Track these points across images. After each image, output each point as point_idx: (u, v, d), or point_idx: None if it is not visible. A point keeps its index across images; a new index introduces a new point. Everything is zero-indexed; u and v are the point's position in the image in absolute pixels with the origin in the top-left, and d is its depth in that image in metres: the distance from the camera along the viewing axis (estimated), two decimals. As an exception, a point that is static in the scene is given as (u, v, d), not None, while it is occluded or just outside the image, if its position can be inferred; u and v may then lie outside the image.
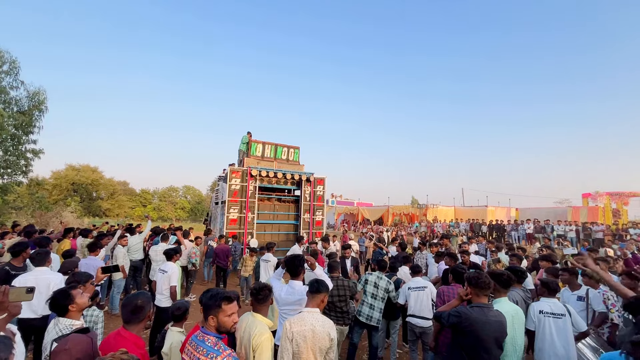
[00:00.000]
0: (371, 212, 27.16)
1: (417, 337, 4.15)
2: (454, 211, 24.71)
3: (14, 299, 1.82)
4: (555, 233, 15.84)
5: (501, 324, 2.53)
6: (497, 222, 18.31)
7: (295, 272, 3.18)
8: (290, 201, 11.49)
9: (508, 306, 2.82)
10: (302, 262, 3.24)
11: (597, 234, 14.70)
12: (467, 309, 2.55)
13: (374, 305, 4.17)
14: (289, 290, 3.12)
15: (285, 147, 11.67)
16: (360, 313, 4.21)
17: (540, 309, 3.05)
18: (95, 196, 44.05)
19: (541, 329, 3.00)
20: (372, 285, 4.24)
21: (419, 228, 20.73)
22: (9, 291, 1.79)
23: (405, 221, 25.41)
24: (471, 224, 18.99)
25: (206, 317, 1.92)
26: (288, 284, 3.20)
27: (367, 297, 4.22)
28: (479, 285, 2.61)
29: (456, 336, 2.60)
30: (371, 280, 4.28)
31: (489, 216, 21.35)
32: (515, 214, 23.17)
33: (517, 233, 17.23)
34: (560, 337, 2.91)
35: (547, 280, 3.21)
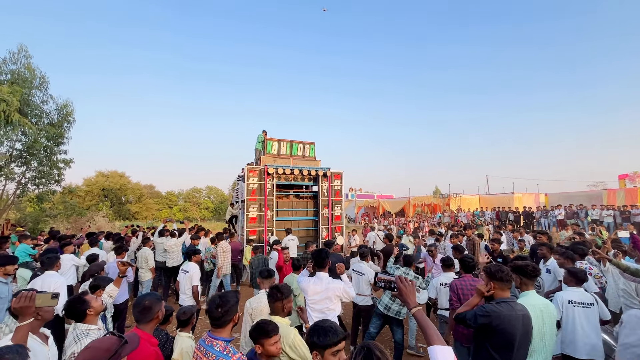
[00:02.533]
0: (392, 204, 26.82)
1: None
2: (478, 200, 23.91)
3: (40, 304, 1.90)
4: (590, 218, 14.97)
5: (528, 317, 2.40)
6: (525, 209, 17.54)
7: (321, 264, 3.42)
8: (309, 197, 11.51)
9: (537, 299, 2.67)
10: (327, 254, 3.49)
11: (637, 217, 13.76)
12: (496, 307, 2.38)
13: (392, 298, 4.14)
14: (316, 280, 3.37)
15: (300, 143, 11.66)
16: (380, 301, 4.24)
17: (570, 299, 2.88)
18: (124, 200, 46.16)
19: (570, 319, 2.84)
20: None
21: (442, 218, 20.25)
22: (35, 296, 1.87)
23: (427, 212, 24.90)
24: (497, 212, 18.29)
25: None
26: (315, 276, 3.45)
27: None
28: (502, 279, 2.47)
29: (484, 336, 2.43)
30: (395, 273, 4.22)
31: (515, 203, 20.49)
32: (544, 199, 22.10)
33: (547, 220, 16.45)
34: (592, 327, 2.75)
35: (574, 269, 3.02)
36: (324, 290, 3.28)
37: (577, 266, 3.65)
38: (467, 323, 2.50)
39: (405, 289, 1.71)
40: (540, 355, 2.57)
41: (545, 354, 2.59)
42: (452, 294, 3.44)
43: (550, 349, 2.62)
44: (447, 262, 4.26)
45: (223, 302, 2.00)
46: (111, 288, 3.15)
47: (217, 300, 2.01)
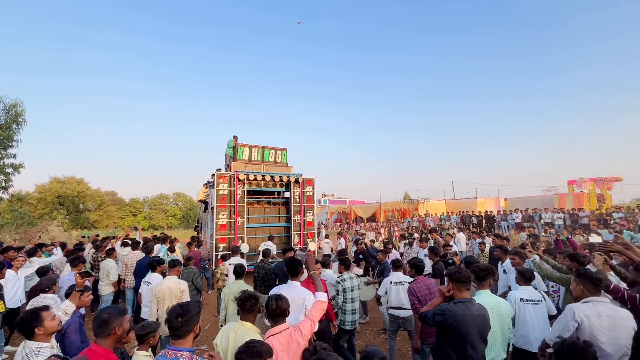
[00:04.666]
0: (364, 209, 27.30)
1: (398, 327, 4.29)
2: (444, 204, 24.99)
3: None
4: (543, 221, 16.15)
5: (484, 317, 2.55)
6: (487, 213, 18.58)
7: (294, 272, 3.31)
8: (280, 203, 11.45)
9: (489, 298, 2.86)
10: (300, 262, 3.39)
11: (583, 219, 15.04)
12: (451, 306, 2.53)
13: (355, 309, 4.22)
14: (288, 289, 3.19)
15: (272, 149, 11.61)
16: (345, 323, 4.15)
17: (521, 297, 3.11)
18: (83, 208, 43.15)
19: (522, 316, 3.06)
20: (349, 290, 4.21)
21: (411, 223, 20.91)
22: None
23: (397, 217, 25.60)
24: (462, 216, 19.23)
25: None
26: (287, 284, 3.30)
27: (347, 304, 4.16)
28: (460, 280, 2.62)
29: (442, 334, 2.58)
30: (348, 286, 4.21)
31: (478, 207, 21.65)
32: (504, 204, 23.55)
33: (506, 223, 17.54)
34: (541, 322, 2.99)
35: (523, 269, 3.28)
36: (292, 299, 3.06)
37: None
38: (427, 321, 2.64)
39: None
40: (493, 351, 2.74)
41: (497, 349, 2.76)
42: (413, 298, 3.59)
43: (501, 344, 2.80)
44: (396, 263, 4.61)
45: (184, 312, 1.93)
46: (67, 305, 2.94)
47: (178, 310, 1.95)
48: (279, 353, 2.22)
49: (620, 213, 15.06)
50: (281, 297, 2.39)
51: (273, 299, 2.35)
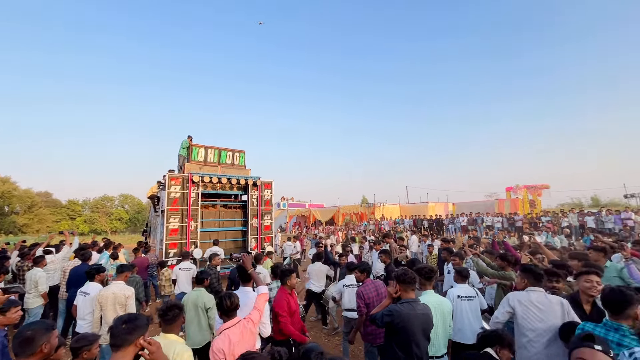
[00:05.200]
0: (322, 213, 27.59)
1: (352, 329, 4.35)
2: (399, 208, 26.20)
3: None
4: (485, 224, 17.64)
5: (428, 316, 2.73)
6: (437, 217, 19.82)
7: (247, 277, 3.35)
8: (237, 207, 11.17)
9: (432, 297, 3.07)
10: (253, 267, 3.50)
11: (518, 223, 16.70)
12: (398, 307, 2.66)
13: None
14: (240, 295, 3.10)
15: (230, 151, 11.30)
16: None
17: (458, 294, 3.39)
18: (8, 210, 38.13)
19: (459, 311, 3.33)
20: None
21: (368, 226, 21.58)
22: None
23: (355, 220, 26.26)
24: (414, 220, 20.28)
25: None
26: (239, 290, 3.28)
27: None
28: (406, 281, 2.77)
29: (390, 335, 2.70)
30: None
31: (430, 211, 23.01)
32: (452, 208, 25.31)
33: (453, 226, 18.86)
34: (475, 316, 3.28)
35: (460, 268, 3.58)
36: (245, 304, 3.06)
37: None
38: (377, 323, 2.75)
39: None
40: (434, 346, 2.95)
41: (438, 344, 2.97)
42: (359, 301, 3.69)
43: (442, 339, 3.02)
44: (350, 266, 4.77)
45: (130, 319, 1.88)
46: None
47: (125, 317, 1.90)
48: (235, 345, 2.38)
49: (547, 217, 16.98)
50: (232, 294, 2.67)
51: (226, 298, 2.61)
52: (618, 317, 2.13)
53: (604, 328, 2.16)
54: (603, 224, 14.25)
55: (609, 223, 14.12)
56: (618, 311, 2.12)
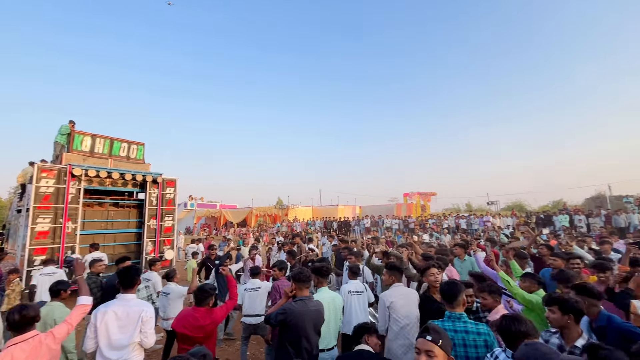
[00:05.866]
0: (234, 214, 26.58)
1: (250, 334, 4.35)
2: (312, 211, 27.13)
3: None
4: (385, 226, 19.67)
5: (319, 312, 2.89)
6: (345, 219, 21.21)
7: (130, 283, 2.92)
8: (132, 206, 9.88)
9: (326, 294, 3.28)
10: (138, 272, 3.05)
11: (411, 224, 19.13)
12: (291, 304, 2.77)
13: None
14: (119, 304, 2.80)
15: (125, 142, 9.92)
16: None
17: (349, 289, 3.71)
18: None
19: (349, 305, 3.64)
20: None
21: (280, 228, 21.70)
22: None
23: (268, 222, 26.10)
24: (325, 222, 21.28)
25: None
26: (118, 298, 2.85)
27: None
28: (301, 280, 2.90)
29: (282, 332, 2.77)
30: None
31: (339, 214, 24.49)
32: (359, 211, 27.46)
33: (359, 227, 20.46)
34: (361, 309, 3.63)
35: (352, 265, 3.94)
36: (127, 314, 2.74)
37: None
38: (271, 322, 2.80)
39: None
40: (326, 340, 3.14)
41: (329, 338, 3.18)
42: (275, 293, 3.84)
43: (333, 333, 3.25)
44: (254, 270, 4.68)
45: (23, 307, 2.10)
46: None
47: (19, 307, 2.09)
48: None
49: (433, 219, 19.92)
50: (26, 307, 2.36)
51: (16, 311, 2.30)
52: (453, 307, 2.39)
53: (449, 320, 2.36)
54: (471, 225, 17.46)
55: (475, 224, 17.39)
56: (451, 300, 2.39)
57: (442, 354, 1.69)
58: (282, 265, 4.53)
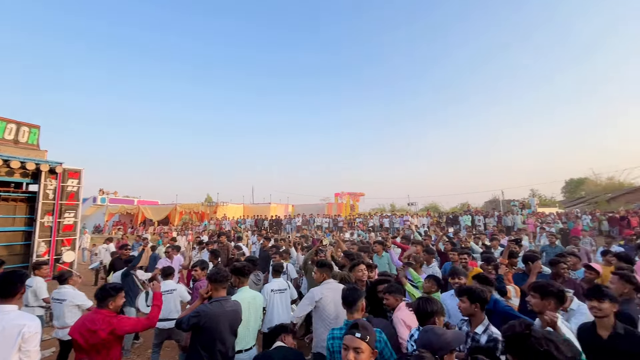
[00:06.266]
0: (155, 210, 24.24)
1: (164, 339, 4.09)
2: (243, 208, 26.32)
3: None
4: (316, 224, 20.15)
5: (236, 312, 2.81)
6: (276, 217, 21.10)
7: (10, 291, 2.42)
8: (20, 200, 8.26)
9: (247, 293, 3.21)
10: (21, 278, 2.54)
11: (340, 223, 19.96)
12: (206, 306, 2.64)
13: None
14: None
15: (12, 122, 8.25)
16: None
17: (272, 288, 3.71)
18: None
19: (271, 304, 3.65)
20: None
21: (208, 226, 20.56)
22: None
23: (195, 220, 24.48)
24: (256, 220, 20.85)
25: None
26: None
27: None
28: (217, 280, 2.79)
29: (195, 336, 2.62)
30: None
31: (271, 212, 24.26)
32: (291, 209, 27.61)
33: (290, 225, 20.56)
34: (284, 307, 3.66)
35: (275, 264, 3.97)
36: (2, 329, 2.28)
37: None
38: (183, 327, 2.62)
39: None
40: (244, 340, 3.08)
41: (248, 338, 3.13)
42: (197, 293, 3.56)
43: (252, 332, 3.20)
44: (165, 271, 4.41)
45: None
46: None
47: None
48: None
49: (360, 218, 21.11)
50: None
51: None
52: (352, 313, 2.43)
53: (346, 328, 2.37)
54: (393, 224, 18.99)
55: (397, 223, 18.96)
56: (350, 306, 2.44)
57: (368, 350, 1.76)
58: (204, 265, 4.31)
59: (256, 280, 4.20)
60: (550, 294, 2.27)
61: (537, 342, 1.41)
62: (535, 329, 1.54)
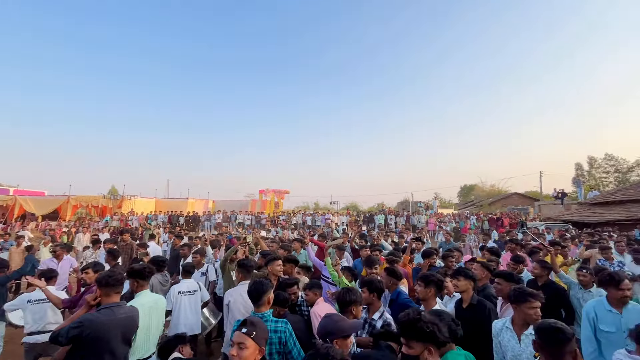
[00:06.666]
0: (39, 203, 20.15)
1: (38, 356, 3.42)
2: (155, 203, 23.83)
3: None
4: (237, 221, 19.47)
5: (131, 319, 2.51)
6: (194, 214, 19.71)
7: None
8: None
9: (147, 298, 2.91)
10: None
11: (263, 220, 19.68)
12: (92, 315, 2.31)
13: None
14: None
15: None
16: None
17: (179, 290, 3.44)
18: None
19: (178, 307, 3.38)
20: None
21: (110, 222, 18.04)
22: None
23: (94, 215, 21.21)
24: (170, 216, 19.12)
25: None
26: None
27: None
28: (107, 284, 2.45)
29: (76, 350, 2.25)
30: None
31: (189, 208, 22.54)
32: (212, 205, 26.08)
33: (209, 222, 19.44)
34: (193, 310, 3.43)
35: (185, 264, 3.72)
36: None
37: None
38: (60, 340, 2.22)
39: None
40: (142, 348, 2.79)
41: (147, 345, 2.84)
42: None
43: (153, 340, 2.92)
44: (46, 274, 3.69)
45: None
46: None
47: None
48: None
49: (284, 216, 21.18)
50: None
51: None
52: (259, 307, 2.44)
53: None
54: (315, 222, 19.58)
55: (319, 221, 19.61)
56: (256, 300, 2.44)
57: (253, 345, 1.75)
58: (97, 267, 3.73)
59: (163, 282, 3.83)
60: (432, 283, 2.71)
61: (425, 325, 1.67)
62: (425, 315, 1.78)
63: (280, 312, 2.79)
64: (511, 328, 2.33)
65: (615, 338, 2.62)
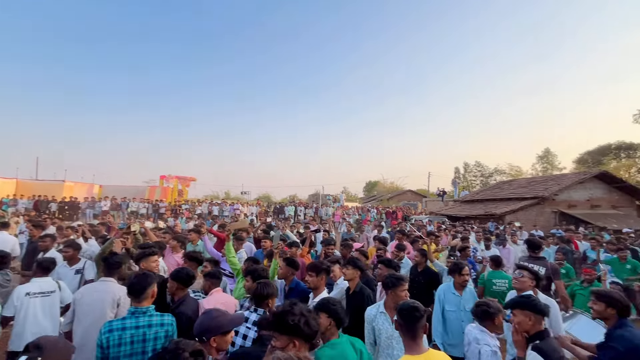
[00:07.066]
0: None
1: None
2: (16, 184, 19.06)
3: None
4: (130, 210, 17.11)
5: None
6: (72, 199, 16.52)
7: None
8: None
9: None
10: None
11: (162, 209, 17.77)
12: None
13: None
14: None
15: None
16: None
17: (28, 291, 2.79)
18: None
19: (24, 312, 2.74)
20: None
21: (-61, 207, 13.66)
22: None
23: None
24: (36, 202, 15.58)
25: None
26: None
27: None
28: None
29: None
30: None
31: (65, 192, 18.73)
32: (98, 190, 22.25)
33: (93, 211, 16.56)
34: (46, 315, 2.83)
35: (42, 259, 3.08)
36: None
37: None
38: None
39: None
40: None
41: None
42: None
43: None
44: None
45: None
46: None
47: None
48: None
49: (187, 205, 19.59)
50: None
51: None
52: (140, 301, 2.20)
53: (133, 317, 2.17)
54: (223, 212, 18.68)
55: (227, 211, 18.77)
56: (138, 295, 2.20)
57: None
58: None
59: (4, 282, 3.05)
60: (322, 271, 2.82)
61: (292, 317, 1.59)
62: (299, 306, 1.69)
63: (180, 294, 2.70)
64: (384, 312, 2.59)
65: (455, 316, 3.23)
